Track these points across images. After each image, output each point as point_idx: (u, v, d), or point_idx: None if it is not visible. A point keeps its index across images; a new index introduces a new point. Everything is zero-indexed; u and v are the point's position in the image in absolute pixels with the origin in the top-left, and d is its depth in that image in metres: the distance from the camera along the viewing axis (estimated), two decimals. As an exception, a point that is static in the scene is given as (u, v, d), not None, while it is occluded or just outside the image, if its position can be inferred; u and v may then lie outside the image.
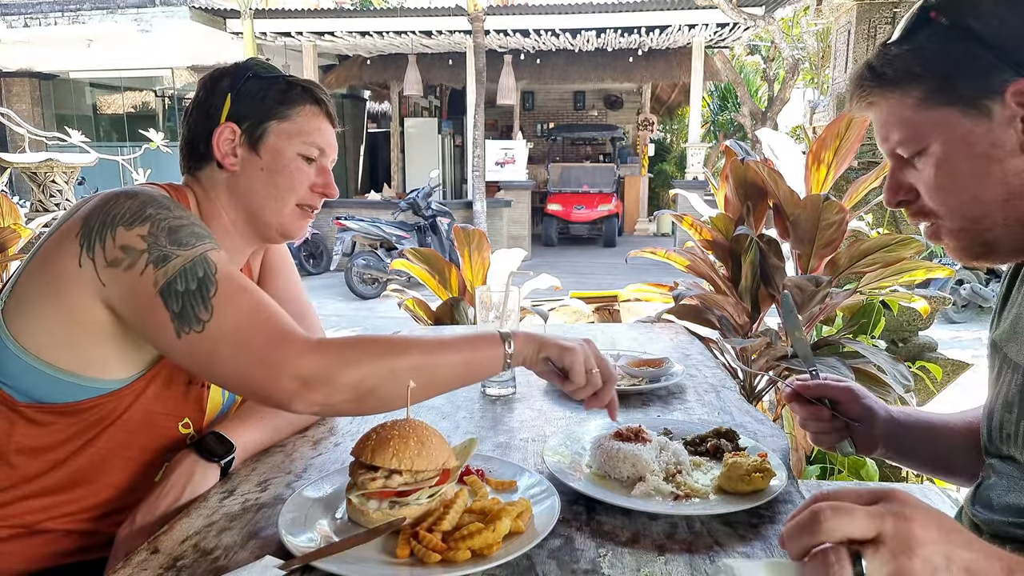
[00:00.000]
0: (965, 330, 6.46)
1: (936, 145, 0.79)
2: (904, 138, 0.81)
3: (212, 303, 0.93)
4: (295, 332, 0.94)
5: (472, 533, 0.78)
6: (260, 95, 1.11)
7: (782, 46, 9.71)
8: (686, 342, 1.81)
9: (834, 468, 2.59)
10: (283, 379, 0.90)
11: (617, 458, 0.97)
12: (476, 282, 2.70)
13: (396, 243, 8.26)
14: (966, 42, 0.75)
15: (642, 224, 13.65)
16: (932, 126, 0.78)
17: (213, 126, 1.10)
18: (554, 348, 1.02)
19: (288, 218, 1.15)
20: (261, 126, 1.11)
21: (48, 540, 1.01)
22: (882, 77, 0.81)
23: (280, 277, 1.31)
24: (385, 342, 0.97)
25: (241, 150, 1.11)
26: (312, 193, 1.16)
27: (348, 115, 15.25)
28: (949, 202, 0.81)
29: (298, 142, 1.12)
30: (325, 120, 1.16)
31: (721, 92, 16.46)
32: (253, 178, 1.12)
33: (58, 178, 5.53)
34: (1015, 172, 0.76)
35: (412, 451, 0.83)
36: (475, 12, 9.12)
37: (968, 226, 0.81)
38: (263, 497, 0.95)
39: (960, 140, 0.77)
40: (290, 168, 1.12)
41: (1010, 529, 0.84)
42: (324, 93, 1.17)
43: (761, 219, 2.42)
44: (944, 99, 0.77)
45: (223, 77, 1.13)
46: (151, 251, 0.94)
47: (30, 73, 12.50)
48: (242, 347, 0.92)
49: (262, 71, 1.13)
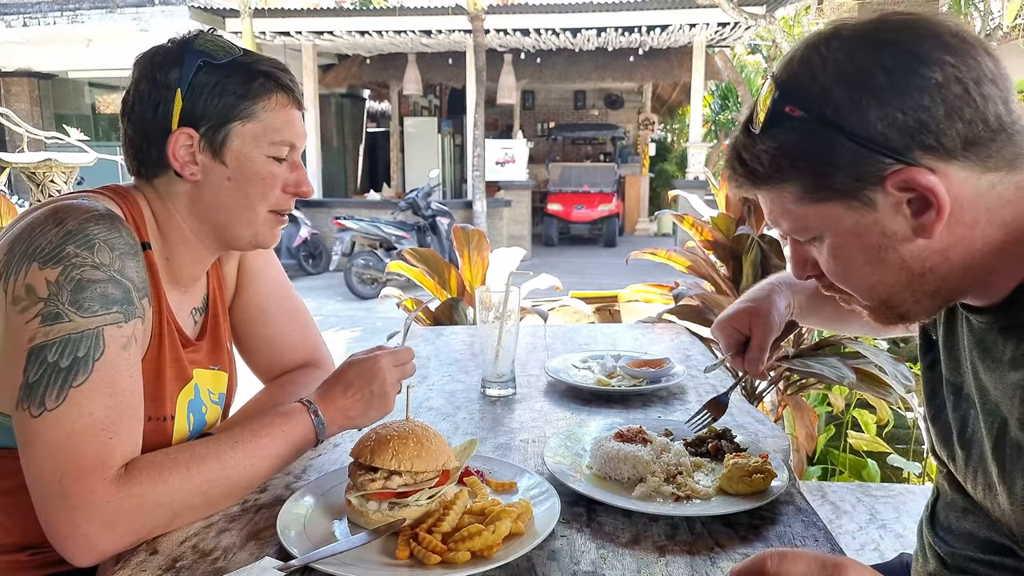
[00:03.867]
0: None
1: (828, 236, 0.75)
2: (794, 228, 0.78)
3: (69, 393, 0.83)
4: (109, 471, 0.82)
5: (472, 534, 0.78)
6: (217, 90, 0.96)
7: (783, 45, 9.69)
8: (687, 343, 1.81)
9: (835, 469, 2.59)
10: (80, 524, 0.80)
11: (618, 459, 0.96)
12: (475, 282, 2.69)
13: (395, 243, 8.26)
14: (829, 136, 0.69)
15: (643, 224, 13.64)
16: (818, 219, 0.74)
17: (165, 129, 0.96)
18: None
19: (262, 227, 1.04)
20: (222, 129, 0.97)
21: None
22: (754, 173, 0.76)
23: (260, 283, 1.23)
24: (187, 461, 0.87)
25: (202, 157, 0.98)
26: (284, 195, 1.04)
27: (348, 114, 15.25)
28: (854, 286, 0.77)
29: (266, 144, 1.00)
30: (293, 107, 1.03)
31: (722, 92, 16.45)
32: (219, 189, 1.00)
33: (57, 178, 5.52)
34: (913, 256, 0.71)
35: (411, 452, 0.83)
36: (475, 11, 9.11)
37: (878, 305, 0.77)
38: (262, 498, 0.95)
39: (849, 232, 0.73)
40: (261, 175, 1.00)
41: (974, 567, 0.81)
42: (288, 75, 1.03)
43: (762, 219, 2.42)
44: (823, 195, 0.72)
45: (169, 67, 0.97)
46: (48, 303, 0.85)
47: (29, 73, 12.49)
48: (55, 463, 0.81)
49: (213, 57, 0.97)
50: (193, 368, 1.09)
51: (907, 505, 2.07)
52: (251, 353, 1.26)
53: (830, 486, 2.34)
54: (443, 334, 1.93)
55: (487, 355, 1.34)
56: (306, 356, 1.27)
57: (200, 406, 1.10)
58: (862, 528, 2.17)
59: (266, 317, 1.24)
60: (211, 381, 1.14)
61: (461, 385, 1.44)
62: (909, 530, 2.19)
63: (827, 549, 0.81)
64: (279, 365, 1.26)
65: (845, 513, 2.24)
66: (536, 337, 1.86)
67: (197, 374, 1.10)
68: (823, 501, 2.28)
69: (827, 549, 0.81)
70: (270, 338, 1.24)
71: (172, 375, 1.04)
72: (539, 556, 0.79)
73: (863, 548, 2.08)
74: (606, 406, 1.31)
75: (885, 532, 2.16)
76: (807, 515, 0.89)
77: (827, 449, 2.63)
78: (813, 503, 0.95)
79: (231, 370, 1.21)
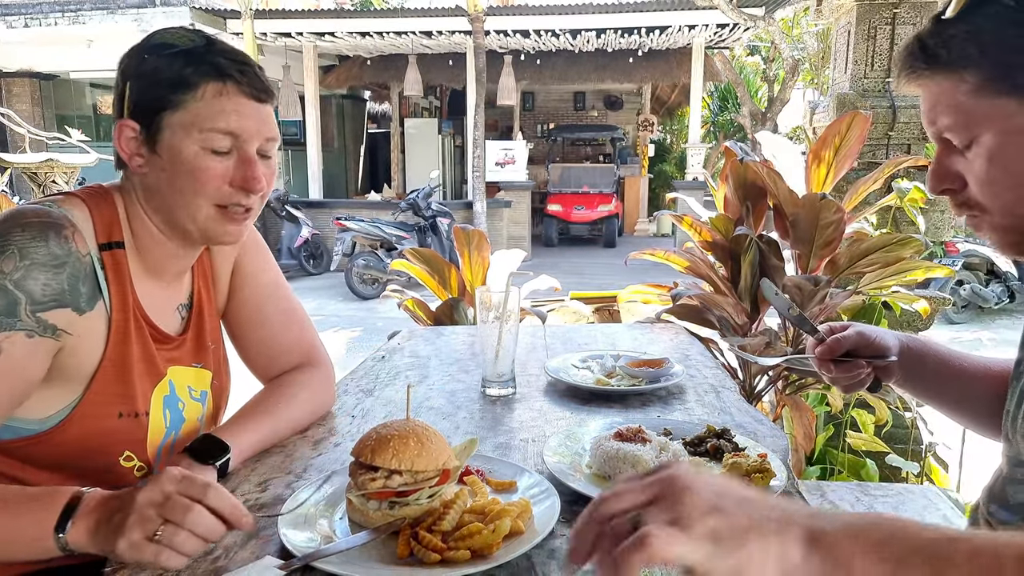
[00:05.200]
0: (965, 330, 6.46)
1: (989, 136, 0.72)
2: (954, 124, 0.74)
3: None
4: None
5: (472, 533, 0.78)
6: (153, 79, 0.94)
7: (782, 47, 9.72)
8: (686, 342, 1.81)
9: (834, 468, 2.59)
10: None
11: (617, 458, 0.97)
12: (476, 282, 2.70)
13: (396, 243, 8.27)
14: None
15: (642, 224, 13.65)
16: (987, 115, 0.72)
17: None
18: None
19: (207, 223, 1.00)
20: (155, 119, 0.95)
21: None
22: (935, 58, 0.74)
23: (256, 285, 1.23)
24: None
25: (144, 149, 0.98)
26: (230, 189, 0.99)
27: (348, 115, 15.26)
28: (1000, 197, 0.74)
29: (195, 133, 0.95)
30: (239, 96, 0.96)
31: (721, 93, 16.46)
32: (158, 181, 0.98)
33: (58, 178, 5.53)
34: None
35: (412, 451, 0.83)
36: (475, 13, 9.11)
37: (1018, 223, 0.75)
38: (263, 497, 0.95)
39: (1017, 132, 0.71)
40: (190, 167, 0.96)
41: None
42: (239, 64, 0.97)
43: (760, 219, 2.42)
44: (1003, 88, 0.70)
45: (126, 60, 0.98)
46: None
47: (30, 73, 12.50)
48: None
49: (163, 47, 0.96)
50: (170, 365, 1.10)
51: (906, 505, 2.07)
52: (248, 354, 1.27)
53: (829, 485, 2.34)
54: (443, 334, 1.94)
55: (487, 355, 1.34)
56: (303, 356, 1.27)
57: (176, 402, 1.11)
58: (861, 528, 2.17)
59: (263, 318, 1.24)
60: (192, 378, 1.14)
61: (461, 385, 1.45)
62: (908, 530, 2.19)
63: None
64: (276, 366, 1.26)
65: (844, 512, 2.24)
66: (536, 337, 1.87)
67: (173, 371, 1.10)
68: (822, 500, 2.28)
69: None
70: (267, 339, 1.25)
71: (142, 371, 1.05)
72: (539, 555, 0.80)
73: (862, 548, 2.08)
74: (605, 406, 1.32)
75: (884, 532, 2.16)
76: (805, 514, 0.89)
77: (826, 449, 2.63)
78: (812, 503, 0.95)
79: (219, 369, 1.21)
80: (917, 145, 3.03)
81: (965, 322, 6.77)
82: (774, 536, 0.49)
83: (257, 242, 1.26)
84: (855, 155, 2.33)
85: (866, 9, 3.00)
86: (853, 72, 3.07)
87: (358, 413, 1.29)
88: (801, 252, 2.28)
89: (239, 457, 1.04)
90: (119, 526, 0.75)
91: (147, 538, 0.74)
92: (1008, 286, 6.81)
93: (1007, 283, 6.80)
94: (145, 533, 0.74)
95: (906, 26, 2.99)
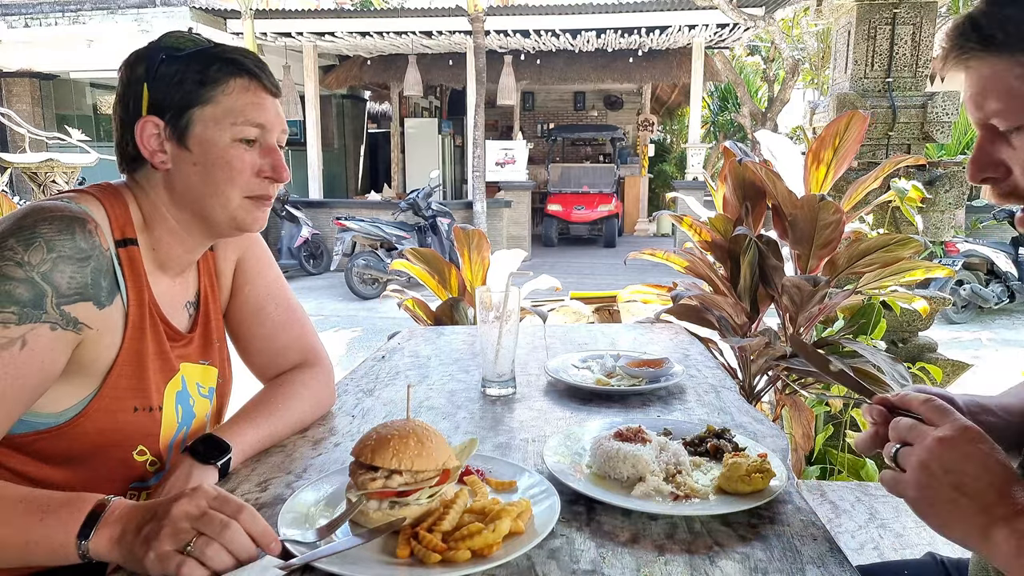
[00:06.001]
0: (965, 331, 6.46)
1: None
2: (1004, 109, 0.71)
3: None
4: None
5: (472, 533, 0.78)
6: (177, 79, 0.99)
7: (782, 47, 9.72)
8: (686, 342, 1.82)
9: (834, 468, 2.59)
10: None
11: (617, 458, 0.97)
12: (476, 282, 2.70)
13: (396, 243, 8.27)
14: None
15: (642, 224, 13.65)
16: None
17: (135, 121, 1.00)
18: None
19: (238, 212, 1.05)
20: (184, 115, 1.00)
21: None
22: (989, 39, 0.71)
23: (257, 284, 1.25)
24: None
25: (169, 145, 1.01)
26: (258, 180, 1.05)
27: (348, 115, 15.26)
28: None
29: (228, 126, 1.00)
30: (261, 91, 1.03)
31: (721, 93, 16.46)
32: (188, 175, 1.02)
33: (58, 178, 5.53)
34: None
35: (412, 451, 0.83)
36: (475, 12, 9.11)
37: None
38: (263, 497, 0.96)
39: None
40: (226, 158, 1.01)
41: None
42: (254, 60, 1.04)
43: (760, 219, 2.43)
44: None
45: (137, 64, 1.02)
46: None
47: (30, 73, 12.50)
48: None
49: (176, 50, 1.01)
50: (181, 362, 1.11)
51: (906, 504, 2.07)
52: (248, 353, 1.27)
53: (829, 485, 2.35)
54: (443, 334, 1.94)
55: (487, 355, 1.34)
56: (303, 356, 1.28)
57: (188, 399, 1.13)
58: (861, 527, 2.18)
59: (263, 317, 1.25)
60: (200, 375, 1.16)
61: (461, 384, 1.45)
62: (909, 529, 2.20)
63: (826, 548, 0.81)
64: (276, 365, 1.26)
65: (844, 512, 2.25)
66: (536, 337, 1.87)
67: (184, 368, 1.12)
68: (822, 500, 2.29)
69: (826, 548, 0.81)
70: (267, 338, 1.26)
71: (157, 367, 1.06)
72: (539, 555, 0.80)
73: (862, 547, 2.09)
74: (605, 405, 1.32)
75: (884, 531, 2.16)
76: (806, 514, 0.89)
77: (825, 449, 2.64)
78: (812, 502, 0.95)
79: (223, 366, 1.22)
80: (917, 145, 3.03)
81: (965, 322, 6.77)
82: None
83: (259, 242, 1.28)
84: (854, 155, 2.33)
85: (866, 9, 3.01)
86: (853, 72, 3.07)
87: (358, 413, 1.29)
88: (800, 252, 2.28)
89: (240, 457, 1.05)
90: (150, 536, 0.75)
91: (177, 550, 0.73)
92: (1008, 286, 6.81)
93: (1007, 283, 6.80)
94: (177, 545, 0.73)
95: (906, 26, 2.99)
